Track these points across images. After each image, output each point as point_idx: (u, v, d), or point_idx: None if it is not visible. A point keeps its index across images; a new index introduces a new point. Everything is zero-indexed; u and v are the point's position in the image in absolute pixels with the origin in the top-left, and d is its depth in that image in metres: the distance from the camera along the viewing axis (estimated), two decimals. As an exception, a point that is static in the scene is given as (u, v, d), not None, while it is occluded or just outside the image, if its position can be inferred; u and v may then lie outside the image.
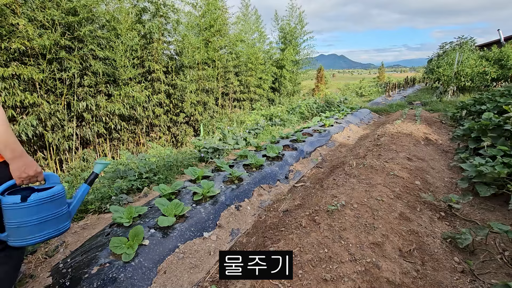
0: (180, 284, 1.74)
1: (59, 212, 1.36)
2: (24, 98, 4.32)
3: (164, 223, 2.03)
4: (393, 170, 3.02)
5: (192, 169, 3.09)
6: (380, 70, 32.61)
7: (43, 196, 1.28)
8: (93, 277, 1.61)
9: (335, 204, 2.19)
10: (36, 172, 1.24)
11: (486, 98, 5.37)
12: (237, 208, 2.62)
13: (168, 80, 7.21)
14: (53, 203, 1.33)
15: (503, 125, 3.33)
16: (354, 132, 6.36)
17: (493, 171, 2.47)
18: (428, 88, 18.59)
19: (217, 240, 2.18)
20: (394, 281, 1.51)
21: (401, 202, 2.40)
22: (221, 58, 9.64)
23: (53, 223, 1.33)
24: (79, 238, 2.18)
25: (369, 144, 4.44)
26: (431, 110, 8.44)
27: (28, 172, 1.22)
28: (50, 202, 1.31)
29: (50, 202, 1.31)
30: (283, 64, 13.55)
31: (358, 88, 21.88)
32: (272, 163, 3.64)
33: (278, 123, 7.53)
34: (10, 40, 4.18)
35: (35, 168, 1.24)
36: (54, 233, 1.35)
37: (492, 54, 13.64)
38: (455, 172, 3.36)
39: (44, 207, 1.28)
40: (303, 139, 4.84)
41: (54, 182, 1.42)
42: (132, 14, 6.40)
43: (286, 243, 1.84)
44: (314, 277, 1.52)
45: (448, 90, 12.88)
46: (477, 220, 2.27)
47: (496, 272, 1.67)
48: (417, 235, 1.98)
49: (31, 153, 4.88)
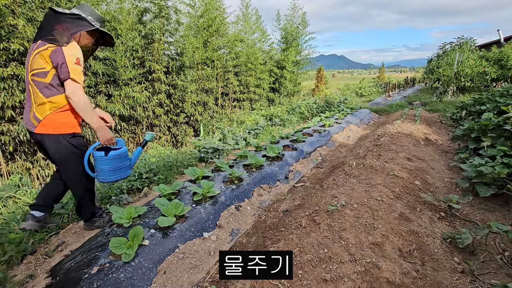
0: (180, 284, 1.74)
1: (124, 164, 2.06)
2: (23, 98, 4.32)
3: (164, 223, 2.03)
4: (393, 170, 3.02)
5: (192, 169, 3.09)
6: (380, 70, 32.62)
7: (116, 153, 1.97)
8: (93, 277, 1.60)
9: (335, 204, 2.19)
10: (112, 138, 1.94)
11: (485, 98, 5.37)
12: (237, 208, 2.61)
13: (169, 80, 7.22)
14: (121, 158, 2.02)
15: (502, 125, 3.33)
16: (354, 132, 6.36)
17: (493, 171, 2.47)
18: (428, 88, 18.60)
19: (217, 240, 2.18)
20: (394, 281, 1.51)
21: (401, 202, 2.40)
22: (220, 58, 9.65)
23: (121, 170, 2.04)
24: (79, 238, 2.18)
25: (369, 144, 4.44)
26: (431, 110, 8.45)
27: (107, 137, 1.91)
28: (119, 157, 1.99)
29: (119, 157, 1.99)
30: (284, 65, 13.55)
31: (358, 88, 21.88)
32: (272, 163, 3.64)
33: (278, 123, 7.54)
34: (9, 41, 4.18)
35: (111, 136, 1.93)
36: (121, 177, 2.06)
37: (492, 54, 13.64)
38: (455, 172, 3.36)
39: (116, 160, 1.98)
40: (303, 139, 4.84)
41: (121, 145, 2.07)
42: (133, 14, 6.40)
43: (286, 243, 1.84)
44: (314, 277, 1.52)
45: (448, 90, 12.89)
46: (477, 220, 2.27)
47: (496, 272, 1.67)
48: (417, 235, 1.98)
49: (31, 153, 4.88)
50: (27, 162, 4.77)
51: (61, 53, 1.70)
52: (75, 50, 1.76)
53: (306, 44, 14.80)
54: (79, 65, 1.76)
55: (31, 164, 4.80)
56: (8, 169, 4.55)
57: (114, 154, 1.95)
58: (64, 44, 1.71)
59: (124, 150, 2.04)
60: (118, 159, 1.99)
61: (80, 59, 1.77)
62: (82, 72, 1.80)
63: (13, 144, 4.53)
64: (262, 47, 13.65)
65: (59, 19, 1.76)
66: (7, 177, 4.39)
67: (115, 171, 2.00)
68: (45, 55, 1.70)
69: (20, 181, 4.03)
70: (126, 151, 2.05)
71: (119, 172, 2.02)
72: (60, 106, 1.79)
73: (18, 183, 3.94)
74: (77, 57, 1.75)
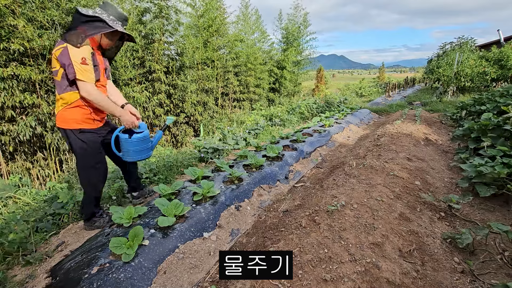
0: (180, 284, 1.74)
1: (146, 146, 2.22)
2: (23, 98, 4.32)
3: (164, 223, 2.03)
4: (393, 170, 3.02)
5: (192, 169, 3.09)
6: (380, 70, 32.62)
7: (138, 136, 2.15)
8: (93, 277, 1.60)
9: (335, 204, 2.19)
10: (134, 122, 2.12)
11: (485, 98, 5.37)
12: (237, 208, 2.61)
13: (169, 80, 7.22)
14: (143, 141, 2.18)
15: (502, 125, 3.33)
16: (354, 132, 6.36)
17: (493, 171, 2.47)
18: (428, 88, 18.60)
19: (217, 240, 2.18)
20: (394, 282, 1.51)
21: (401, 203, 2.40)
22: (220, 58, 9.65)
23: (143, 152, 2.21)
24: (79, 238, 2.18)
25: (369, 144, 4.44)
26: (431, 110, 8.44)
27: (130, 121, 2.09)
28: (141, 140, 2.16)
29: (141, 140, 2.16)
30: (284, 65, 13.54)
31: (358, 88, 21.88)
32: (272, 163, 3.64)
33: (278, 123, 7.54)
34: (10, 41, 4.18)
35: (133, 120, 2.11)
36: (143, 157, 2.23)
37: (492, 54, 13.63)
38: (455, 172, 3.36)
39: (139, 142, 2.15)
40: (303, 139, 4.84)
41: (143, 129, 2.22)
42: (133, 14, 6.40)
43: (286, 243, 1.84)
44: (314, 277, 1.52)
45: (448, 90, 12.88)
46: (477, 220, 2.27)
47: (496, 272, 1.67)
48: (417, 235, 1.98)
49: (31, 154, 4.88)
50: (27, 162, 4.77)
51: (67, 55, 1.77)
52: (81, 50, 1.81)
53: (307, 44, 14.81)
54: (85, 64, 1.81)
55: (31, 164, 4.80)
56: (8, 169, 4.55)
57: (137, 137, 2.15)
58: (77, 45, 1.79)
59: (146, 134, 2.21)
60: (140, 141, 2.17)
61: (86, 58, 1.82)
62: (91, 69, 1.87)
63: (13, 144, 4.53)
64: (262, 47, 13.65)
65: (81, 20, 1.85)
66: (7, 177, 4.39)
67: (138, 152, 2.18)
68: (54, 56, 1.82)
69: (20, 181, 4.03)
70: (147, 134, 2.22)
71: (142, 153, 2.21)
72: (69, 103, 1.91)
73: (18, 183, 3.94)
74: (82, 56, 1.80)
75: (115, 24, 1.93)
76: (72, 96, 1.90)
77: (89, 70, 1.84)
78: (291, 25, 14.27)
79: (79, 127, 1.96)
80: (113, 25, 1.91)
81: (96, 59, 1.96)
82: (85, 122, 1.99)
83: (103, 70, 2.08)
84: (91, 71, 1.87)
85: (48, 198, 2.91)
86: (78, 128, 1.96)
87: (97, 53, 2.00)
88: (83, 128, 1.98)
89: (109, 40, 2.02)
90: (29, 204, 3.02)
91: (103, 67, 2.10)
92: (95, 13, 1.88)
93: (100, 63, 2.03)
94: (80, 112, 1.95)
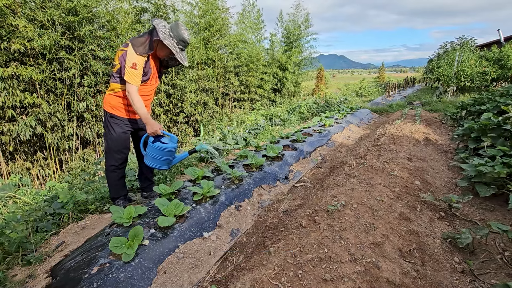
0: (180, 284, 1.74)
1: (166, 158, 2.30)
2: (23, 98, 4.32)
3: (164, 223, 2.03)
4: (393, 170, 3.02)
5: (192, 169, 3.09)
6: (380, 70, 32.58)
7: (161, 146, 2.24)
8: (93, 277, 1.61)
9: (335, 204, 2.19)
10: (156, 131, 2.21)
11: (485, 98, 5.37)
12: (237, 208, 2.62)
13: (168, 80, 7.21)
14: (165, 152, 2.26)
15: (502, 125, 3.33)
16: (354, 132, 6.36)
17: (493, 171, 2.47)
18: (428, 88, 18.58)
19: (217, 240, 2.18)
20: (394, 281, 1.51)
21: (401, 202, 2.40)
22: (221, 58, 9.64)
23: (158, 161, 2.29)
24: (79, 238, 2.18)
25: (369, 144, 4.44)
26: (431, 110, 8.44)
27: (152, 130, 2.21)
28: (162, 150, 2.25)
29: (162, 150, 2.25)
30: (287, 66, 13.53)
31: (358, 88, 21.87)
32: (272, 163, 3.64)
33: (278, 123, 7.54)
34: (10, 41, 4.18)
35: (155, 130, 2.21)
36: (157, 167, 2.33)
37: (492, 54, 13.63)
38: (455, 172, 3.36)
39: (159, 151, 2.25)
40: (303, 139, 4.84)
41: (170, 142, 2.33)
42: (131, 14, 6.40)
43: (286, 243, 1.84)
44: (314, 277, 1.52)
45: (448, 90, 12.88)
46: (477, 220, 2.27)
47: (496, 272, 1.67)
48: (417, 235, 1.98)
49: (31, 153, 4.88)
50: (27, 162, 4.77)
51: (124, 58, 2.11)
52: (133, 56, 2.10)
53: (308, 45, 14.81)
54: (134, 69, 2.11)
55: (31, 164, 4.80)
56: (8, 169, 4.55)
57: (159, 146, 2.25)
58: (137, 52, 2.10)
59: (169, 147, 2.28)
60: (159, 150, 2.25)
61: (137, 64, 2.11)
62: (138, 74, 2.14)
63: (13, 144, 4.54)
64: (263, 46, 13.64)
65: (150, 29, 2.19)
66: (7, 177, 4.39)
67: (154, 160, 2.29)
68: (117, 54, 2.19)
69: (20, 181, 4.04)
70: (171, 148, 2.29)
71: (160, 162, 2.31)
72: (114, 91, 2.26)
73: (18, 183, 3.95)
74: (133, 62, 2.10)
75: (167, 38, 2.13)
76: (116, 86, 2.24)
77: (136, 74, 2.12)
78: (292, 25, 14.25)
79: (112, 112, 2.28)
80: (163, 37, 2.09)
81: (149, 65, 2.25)
82: (117, 109, 2.28)
83: (155, 74, 2.38)
84: (137, 75, 2.13)
85: (48, 198, 2.91)
86: (110, 113, 2.28)
87: (152, 60, 2.29)
88: (114, 114, 2.28)
89: (162, 51, 2.26)
90: (29, 204, 3.02)
91: (155, 72, 2.38)
92: (158, 24, 2.12)
93: (153, 69, 2.32)
94: (118, 101, 2.27)
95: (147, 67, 2.23)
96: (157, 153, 2.26)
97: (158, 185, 2.62)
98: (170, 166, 2.44)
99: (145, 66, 2.21)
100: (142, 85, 2.27)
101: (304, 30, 14.44)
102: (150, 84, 2.34)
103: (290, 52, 13.71)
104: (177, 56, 2.21)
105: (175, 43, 2.18)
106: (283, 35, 14.60)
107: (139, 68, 2.13)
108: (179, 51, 2.24)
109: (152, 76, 2.33)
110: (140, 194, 2.83)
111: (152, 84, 2.38)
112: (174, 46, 2.17)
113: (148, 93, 2.37)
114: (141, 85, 2.25)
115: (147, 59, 2.20)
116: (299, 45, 14.52)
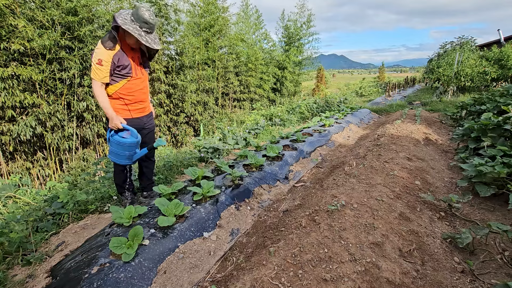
0: (180, 284, 1.74)
1: (124, 153, 2.23)
2: (23, 98, 4.32)
3: (164, 223, 2.03)
4: (393, 170, 3.02)
5: (192, 169, 3.09)
6: (381, 70, 32.58)
7: (117, 139, 2.17)
8: (93, 277, 1.60)
9: (335, 204, 2.19)
10: (116, 125, 2.15)
11: (485, 98, 5.36)
12: (237, 208, 2.62)
13: (169, 80, 7.21)
14: (119, 146, 2.18)
15: (502, 125, 3.33)
16: (354, 132, 6.36)
17: (493, 171, 2.47)
18: (428, 88, 18.58)
19: (217, 240, 2.18)
20: (394, 281, 1.51)
21: (401, 202, 2.40)
22: (221, 58, 9.64)
23: (117, 155, 2.24)
24: (79, 238, 2.18)
25: (369, 144, 4.44)
26: (431, 110, 8.44)
27: (111, 124, 2.16)
28: (117, 143, 2.17)
29: (117, 143, 2.17)
30: (285, 65, 13.53)
31: (358, 88, 21.89)
32: (272, 163, 3.64)
33: (278, 123, 7.54)
34: (10, 41, 4.18)
35: (114, 124, 2.15)
36: (117, 162, 2.28)
37: (492, 54, 13.62)
38: (455, 172, 3.36)
39: (114, 144, 2.19)
40: (303, 139, 4.84)
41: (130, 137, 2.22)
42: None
43: (286, 243, 1.84)
44: (314, 277, 1.52)
45: (448, 90, 12.88)
46: (477, 220, 2.27)
47: (496, 272, 1.67)
48: (417, 235, 1.98)
49: (31, 153, 4.88)
50: (27, 162, 4.77)
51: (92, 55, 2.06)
52: (99, 52, 2.03)
53: (309, 45, 14.81)
54: (100, 65, 2.04)
55: (31, 164, 4.80)
56: (8, 169, 4.55)
57: (115, 139, 2.18)
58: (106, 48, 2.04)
59: (125, 141, 2.19)
60: (116, 144, 2.19)
61: (102, 60, 2.03)
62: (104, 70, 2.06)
63: (13, 144, 4.54)
64: (262, 46, 13.64)
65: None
66: (7, 177, 4.39)
67: (113, 154, 2.26)
68: None
69: (20, 181, 4.04)
70: (128, 142, 2.20)
71: (116, 156, 2.26)
72: (109, 94, 2.21)
73: (18, 183, 3.95)
74: (99, 58, 2.03)
75: (128, 23, 2.01)
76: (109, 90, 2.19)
77: (101, 69, 2.04)
78: (294, 25, 14.25)
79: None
80: (122, 23, 1.98)
81: (126, 58, 2.14)
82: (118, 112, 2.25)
83: (137, 66, 2.27)
84: (103, 71, 2.05)
85: (48, 197, 2.91)
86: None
87: (128, 53, 2.18)
88: None
89: (129, 39, 2.12)
90: (29, 203, 3.02)
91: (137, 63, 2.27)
92: (119, 12, 2.04)
93: (132, 60, 2.21)
94: (113, 102, 2.23)
95: (123, 60, 2.13)
96: (115, 147, 2.20)
97: (158, 185, 2.62)
98: (132, 162, 2.36)
99: (120, 60, 2.11)
100: (130, 80, 2.20)
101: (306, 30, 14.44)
102: (137, 77, 2.25)
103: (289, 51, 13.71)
104: (141, 40, 2.05)
105: (138, 26, 2.05)
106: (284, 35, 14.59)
107: (105, 64, 2.04)
108: (145, 34, 2.09)
109: (134, 68, 2.23)
110: (140, 194, 2.84)
111: (140, 77, 2.29)
112: (137, 30, 2.05)
113: (141, 87, 2.31)
114: (129, 80, 2.19)
115: (121, 53, 2.11)
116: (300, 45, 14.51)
